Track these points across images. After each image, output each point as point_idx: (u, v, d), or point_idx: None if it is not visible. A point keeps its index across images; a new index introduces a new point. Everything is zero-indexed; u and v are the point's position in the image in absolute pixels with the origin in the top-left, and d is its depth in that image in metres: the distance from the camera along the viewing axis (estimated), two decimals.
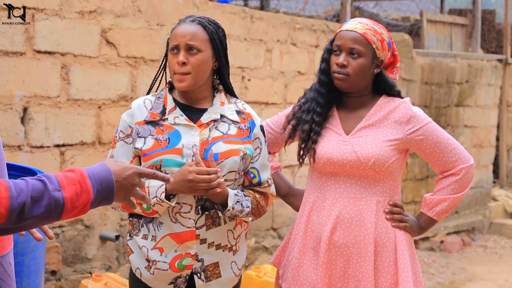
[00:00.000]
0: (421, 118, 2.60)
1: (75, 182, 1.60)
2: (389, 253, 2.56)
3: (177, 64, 2.38)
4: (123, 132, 2.45)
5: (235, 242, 2.49)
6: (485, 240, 7.72)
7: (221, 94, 2.52)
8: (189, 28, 2.40)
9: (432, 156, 2.62)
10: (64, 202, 1.58)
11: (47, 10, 3.91)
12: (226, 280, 2.48)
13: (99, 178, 1.63)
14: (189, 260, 2.40)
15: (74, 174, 1.62)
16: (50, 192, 1.56)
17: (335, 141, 2.60)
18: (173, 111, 2.43)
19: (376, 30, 2.58)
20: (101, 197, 1.65)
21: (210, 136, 2.41)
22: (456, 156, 2.61)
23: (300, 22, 5.73)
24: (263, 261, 5.47)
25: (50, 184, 1.57)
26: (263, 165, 2.52)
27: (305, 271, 2.62)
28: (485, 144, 8.37)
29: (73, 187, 1.59)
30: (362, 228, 2.55)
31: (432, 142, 2.59)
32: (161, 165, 2.37)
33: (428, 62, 7.31)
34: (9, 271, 1.69)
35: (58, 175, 1.61)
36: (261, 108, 5.39)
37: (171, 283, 2.43)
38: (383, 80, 2.65)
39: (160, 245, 2.40)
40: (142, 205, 2.37)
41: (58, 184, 1.58)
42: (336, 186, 2.59)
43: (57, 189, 1.57)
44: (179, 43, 2.38)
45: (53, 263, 4.03)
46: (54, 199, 1.56)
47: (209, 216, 2.40)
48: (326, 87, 2.64)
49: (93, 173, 1.64)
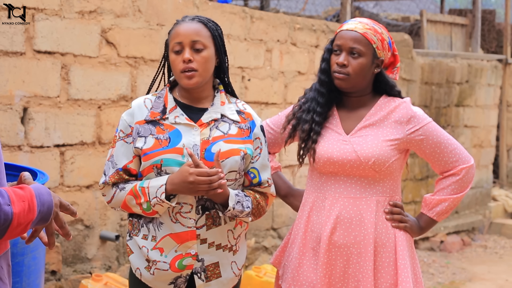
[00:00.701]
0: (421, 118, 2.60)
1: (24, 199, 1.58)
2: (389, 253, 2.56)
3: (183, 62, 2.37)
4: (123, 131, 2.44)
5: (235, 242, 2.49)
6: (485, 240, 7.72)
7: (222, 93, 2.52)
8: (191, 26, 2.41)
9: (432, 156, 2.62)
10: (12, 218, 1.54)
11: (47, 10, 3.91)
12: (226, 280, 2.48)
13: (41, 199, 1.62)
14: (189, 260, 2.40)
15: (24, 192, 1.59)
16: (1, 206, 1.53)
17: (335, 140, 2.60)
18: (174, 110, 2.43)
19: (376, 30, 2.58)
20: (40, 217, 1.63)
21: (210, 136, 2.41)
22: (456, 156, 2.61)
23: (300, 22, 5.73)
24: (263, 261, 5.47)
25: (1, 198, 1.54)
26: (263, 165, 2.52)
27: (305, 271, 2.61)
28: (485, 144, 8.37)
29: (22, 203, 1.57)
30: (362, 228, 2.55)
31: (432, 142, 2.59)
32: (162, 165, 2.36)
33: (428, 62, 7.31)
34: (1, 275, 1.67)
35: (8, 190, 1.58)
36: (261, 108, 5.39)
37: (171, 283, 2.42)
38: (383, 80, 2.65)
39: (160, 245, 2.40)
40: (142, 205, 2.37)
41: (8, 198, 1.55)
42: (336, 186, 2.59)
43: (7, 203, 1.54)
44: (183, 41, 2.38)
45: (53, 263, 4.03)
46: (4, 213, 1.53)
47: (209, 216, 2.40)
48: (327, 86, 2.64)
49: (38, 193, 1.62)
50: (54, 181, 4.03)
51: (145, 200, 2.35)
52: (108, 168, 2.45)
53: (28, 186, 1.62)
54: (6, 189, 1.58)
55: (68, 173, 4.10)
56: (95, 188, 4.24)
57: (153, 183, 2.35)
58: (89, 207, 4.24)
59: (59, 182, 4.07)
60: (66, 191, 4.09)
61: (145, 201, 2.35)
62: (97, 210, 4.26)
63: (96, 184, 4.23)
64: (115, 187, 2.43)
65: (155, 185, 2.35)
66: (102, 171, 4.19)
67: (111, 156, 2.45)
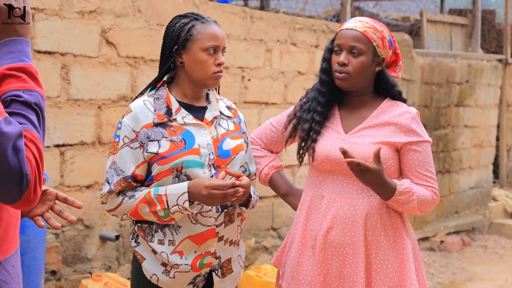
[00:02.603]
0: (423, 134, 2.59)
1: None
2: (388, 253, 2.55)
3: (217, 65, 2.41)
4: (128, 137, 2.38)
5: (240, 236, 2.56)
6: (485, 240, 7.72)
7: (213, 91, 2.56)
8: (222, 30, 2.47)
9: (413, 169, 2.57)
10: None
11: (47, 10, 3.91)
12: (237, 274, 2.54)
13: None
14: (209, 258, 2.43)
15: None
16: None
17: (333, 139, 2.60)
18: (180, 111, 2.43)
19: (376, 28, 2.58)
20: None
21: (218, 134, 2.45)
22: (433, 181, 2.60)
23: (300, 22, 5.73)
24: (263, 261, 5.47)
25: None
26: (250, 158, 2.63)
27: (304, 270, 2.61)
28: (485, 144, 8.37)
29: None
30: (357, 228, 2.54)
31: (421, 159, 2.57)
32: (183, 167, 2.35)
33: (428, 62, 7.31)
34: (12, 274, 1.67)
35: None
36: (261, 108, 5.39)
37: (190, 283, 2.44)
38: (383, 79, 2.65)
39: (180, 248, 2.39)
40: (157, 213, 2.34)
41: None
42: (333, 185, 2.59)
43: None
44: (220, 45, 2.42)
45: (53, 263, 4.03)
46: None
47: (227, 213, 2.44)
48: (327, 86, 2.64)
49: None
50: (54, 181, 4.03)
51: (162, 208, 2.33)
52: (111, 176, 2.39)
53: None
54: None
55: (68, 173, 4.10)
56: (95, 188, 4.24)
57: (172, 191, 2.33)
58: (89, 207, 4.24)
59: (59, 182, 4.07)
60: (66, 191, 4.09)
61: (162, 208, 2.33)
62: (97, 210, 4.26)
63: (96, 184, 4.23)
64: (122, 195, 2.38)
65: (175, 192, 2.32)
66: (102, 171, 4.22)
67: (113, 163, 2.39)
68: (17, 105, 1.58)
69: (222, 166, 2.41)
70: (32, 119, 1.58)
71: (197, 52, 2.39)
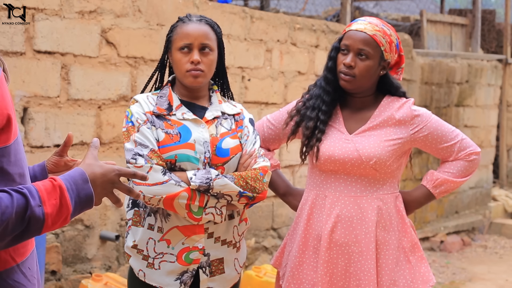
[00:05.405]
0: (424, 116, 2.60)
1: (56, 197, 1.54)
2: (392, 251, 2.56)
3: (191, 63, 2.40)
4: (140, 119, 2.38)
5: (239, 239, 2.52)
6: (485, 240, 7.72)
7: (217, 93, 2.57)
8: (201, 28, 2.44)
9: (434, 150, 2.63)
10: (44, 218, 1.51)
11: (47, 10, 3.91)
12: (229, 277, 2.50)
13: (76, 189, 1.57)
14: (197, 254, 2.41)
15: (53, 187, 1.55)
16: (32, 208, 1.49)
17: (337, 139, 2.59)
18: (180, 107, 2.46)
19: (385, 32, 2.56)
20: (80, 208, 1.59)
21: (218, 133, 2.45)
22: (463, 144, 2.62)
23: (300, 22, 5.72)
24: (263, 261, 5.47)
25: (32, 200, 1.50)
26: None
27: (305, 269, 2.61)
28: (485, 144, 8.37)
29: (53, 202, 1.53)
30: (363, 227, 2.55)
31: (437, 136, 2.60)
32: (176, 160, 2.36)
33: (428, 62, 7.31)
34: (28, 276, 1.67)
35: (38, 187, 1.53)
36: (261, 108, 5.39)
37: (177, 278, 2.42)
38: (388, 82, 2.66)
39: (167, 237, 2.40)
40: (191, 207, 2.32)
41: (39, 199, 1.51)
42: (336, 184, 2.59)
43: (38, 204, 1.50)
44: (193, 43, 2.41)
45: (53, 263, 4.03)
46: (36, 216, 1.50)
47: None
48: (332, 85, 2.63)
49: (71, 184, 1.57)
50: None
51: (200, 206, 2.33)
52: (140, 150, 2.31)
53: (58, 179, 1.57)
54: (37, 187, 1.53)
55: None
56: None
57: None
58: None
59: None
60: None
61: (200, 206, 2.33)
62: (97, 210, 4.26)
63: None
64: (168, 175, 2.32)
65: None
66: None
67: (135, 142, 2.33)
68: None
69: (219, 164, 2.41)
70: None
71: (174, 52, 2.45)
